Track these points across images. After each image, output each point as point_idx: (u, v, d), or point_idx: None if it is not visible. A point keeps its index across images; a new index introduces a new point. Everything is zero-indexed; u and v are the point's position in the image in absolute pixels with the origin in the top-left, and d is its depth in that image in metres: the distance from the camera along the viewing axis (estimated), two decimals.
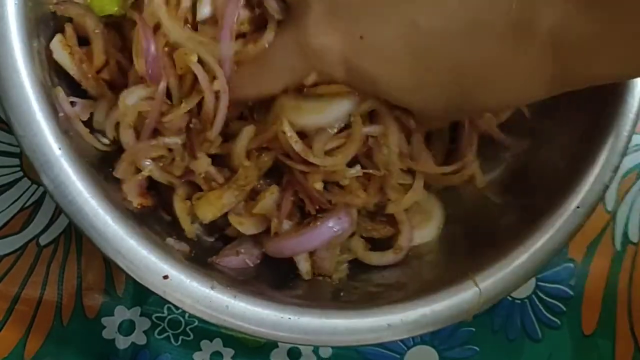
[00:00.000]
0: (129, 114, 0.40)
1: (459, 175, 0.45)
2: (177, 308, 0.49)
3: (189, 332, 0.52)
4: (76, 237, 0.52)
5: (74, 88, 0.42)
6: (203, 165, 0.41)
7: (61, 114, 0.39)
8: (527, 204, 0.44)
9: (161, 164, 0.42)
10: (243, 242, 0.44)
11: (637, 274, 0.55)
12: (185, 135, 0.41)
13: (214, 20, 0.39)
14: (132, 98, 0.40)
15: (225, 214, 0.43)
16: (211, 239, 0.45)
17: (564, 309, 0.55)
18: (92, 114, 0.42)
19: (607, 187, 0.40)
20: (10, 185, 0.52)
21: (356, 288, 0.44)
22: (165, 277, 0.36)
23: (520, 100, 0.39)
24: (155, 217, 0.43)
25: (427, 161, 0.44)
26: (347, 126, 0.40)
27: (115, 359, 0.52)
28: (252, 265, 0.44)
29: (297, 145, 0.39)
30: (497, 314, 0.54)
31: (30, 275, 0.51)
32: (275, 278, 0.44)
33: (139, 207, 0.41)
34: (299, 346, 0.53)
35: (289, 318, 0.37)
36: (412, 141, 0.43)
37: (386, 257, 0.45)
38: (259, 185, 0.43)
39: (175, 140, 0.41)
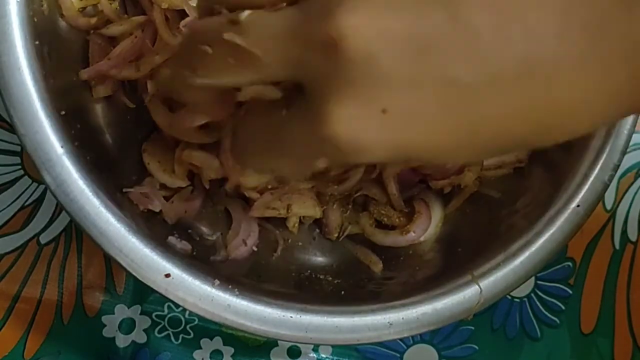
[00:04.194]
0: None
1: None
2: (177, 306, 0.50)
3: (189, 330, 0.52)
4: (77, 236, 0.52)
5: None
6: None
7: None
8: (527, 202, 0.44)
9: None
10: (240, 229, 0.45)
11: (636, 273, 0.55)
12: None
13: None
14: None
15: None
16: (213, 238, 0.45)
17: (563, 307, 0.55)
18: None
19: (607, 185, 0.40)
20: (11, 183, 0.52)
21: (357, 287, 0.44)
22: (167, 275, 0.36)
23: (590, 128, 0.30)
24: (157, 215, 0.43)
25: None
26: None
27: (115, 357, 0.52)
28: (255, 249, 0.44)
29: None
30: (497, 312, 0.54)
31: (31, 273, 0.51)
32: (277, 277, 0.44)
33: (145, 211, 0.42)
34: (299, 345, 0.53)
35: (291, 317, 0.37)
36: None
37: (390, 237, 0.46)
38: None
39: None
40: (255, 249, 0.44)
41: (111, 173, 0.41)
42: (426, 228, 0.46)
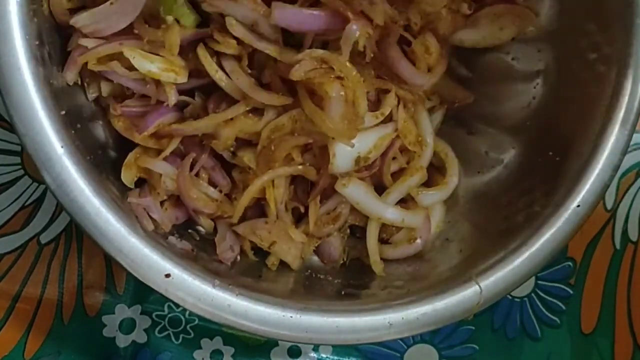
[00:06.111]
0: None
1: None
2: (177, 306, 0.50)
3: (190, 330, 0.52)
4: (77, 236, 0.52)
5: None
6: None
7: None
8: (527, 202, 0.44)
9: None
10: (226, 236, 0.45)
11: (637, 273, 0.55)
12: None
13: None
14: None
15: None
16: (213, 237, 0.45)
17: (564, 307, 0.55)
18: None
19: (607, 186, 0.40)
20: (11, 183, 0.52)
21: (357, 287, 0.44)
22: (167, 275, 0.36)
23: None
24: None
25: None
26: None
27: (115, 357, 0.52)
28: (239, 258, 0.44)
29: None
30: (497, 312, 0.54)
31: (31, 273, 0.51)
32: (277, 276, 0.44)
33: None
34: (299, 345, 0.53)
35: (291, 316, 0.37)
36: None
37: (399, 250, 0.46)
38: None
39: None
40: (238, 258, 0.44)
41: (111, 173, 0.41)
42: (429, 229, 0.46)
